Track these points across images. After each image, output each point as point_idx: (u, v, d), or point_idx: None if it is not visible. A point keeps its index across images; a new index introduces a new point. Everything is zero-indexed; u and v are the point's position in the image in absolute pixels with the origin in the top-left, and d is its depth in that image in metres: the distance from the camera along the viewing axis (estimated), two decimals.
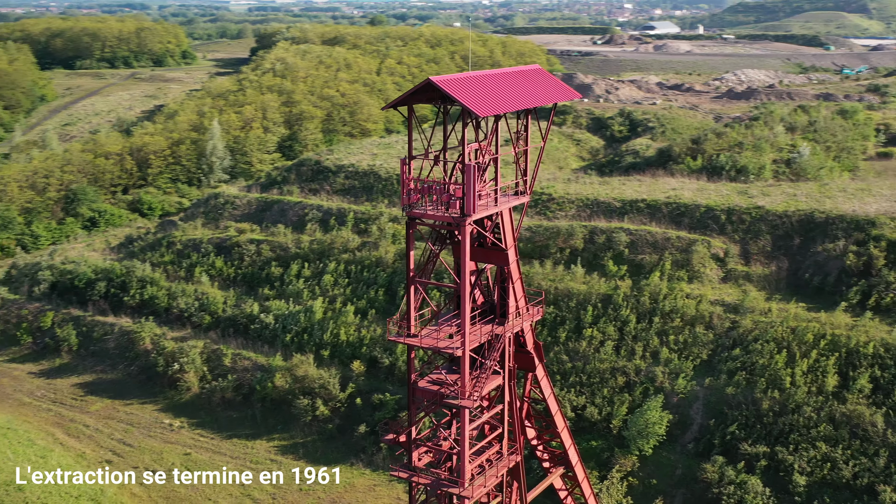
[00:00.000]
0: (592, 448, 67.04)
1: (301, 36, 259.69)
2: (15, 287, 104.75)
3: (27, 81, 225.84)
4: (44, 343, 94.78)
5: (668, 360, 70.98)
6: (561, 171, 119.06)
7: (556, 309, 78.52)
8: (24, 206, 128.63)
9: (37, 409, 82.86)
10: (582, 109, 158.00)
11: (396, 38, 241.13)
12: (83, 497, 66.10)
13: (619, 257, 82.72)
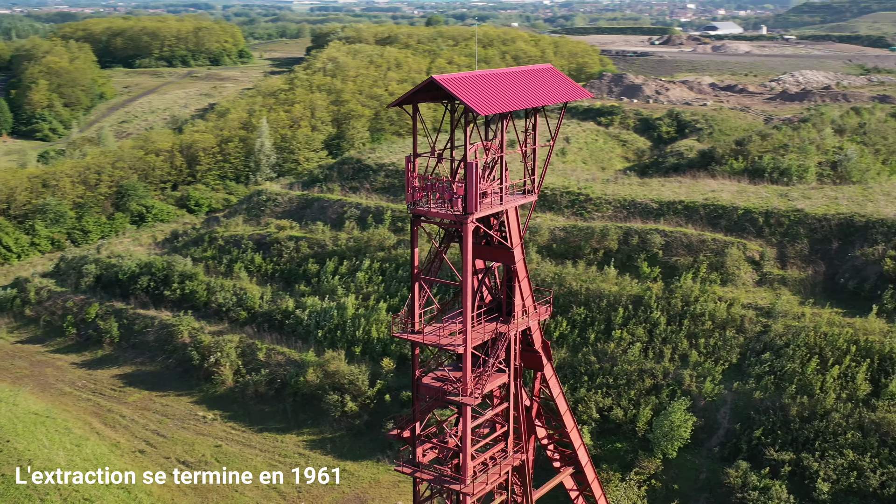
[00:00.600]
0: (616, 450, 66.59)
1: (355, 35, 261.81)
2: (62, 279, 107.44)
3: (87, 79, 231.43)
4: (87, 335, 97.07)
5: (697, 364, 70.20)
6: (603, 172, 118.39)
7: (586, 310, 78.16)
8: (75, 200, 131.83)
9: (76, 399, 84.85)
10: (630, 110, 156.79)
11: (448, 38, 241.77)
12: (114, 486, 67.46)
13: (653, 259, 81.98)
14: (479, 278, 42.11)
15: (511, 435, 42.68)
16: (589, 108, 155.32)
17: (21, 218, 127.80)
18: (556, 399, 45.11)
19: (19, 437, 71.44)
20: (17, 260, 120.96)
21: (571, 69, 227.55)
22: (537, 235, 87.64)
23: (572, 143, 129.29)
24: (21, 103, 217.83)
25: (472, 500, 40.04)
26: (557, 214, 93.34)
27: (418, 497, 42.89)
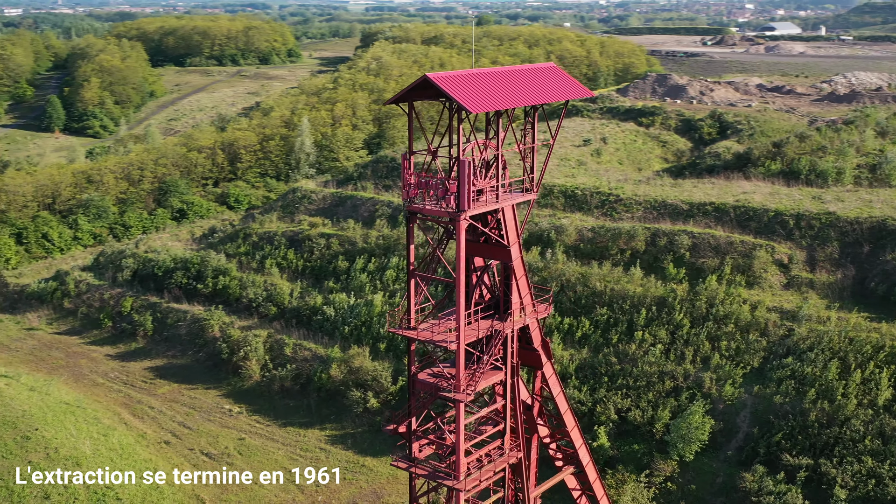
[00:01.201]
0: (634, 451, 66.20)
1: (402, 35, 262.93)
2: (101, 273, 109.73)
3: (138, 78, 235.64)
4: (122, 327, 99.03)
5: (718, 366, 69.53)
6: (639, 173, 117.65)
7: (609, 311, 77.85)
8: (118, 196, 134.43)
9: (108, 390, 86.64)
10: (672, 111, 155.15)
11: (494, 38, 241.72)
12: (137, 475, 68.79)
13: (679, 260, 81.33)
14: (477, 276, 42.24)
15: (508, 432, 42.74)
16: (630, 109, 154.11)
17: (65, 213, 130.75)
18: (556, 398, 45.08)
19: (48, 425, 73.19)
20: (59, 254, 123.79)
21: (617, 69, 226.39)
22: (564, 235, 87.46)
23: (609, 143, 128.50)
24: (73, 101, 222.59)
25: (465, 496, 40.21)
26: (587, 215, 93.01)
27: (414, 492, 43.22)
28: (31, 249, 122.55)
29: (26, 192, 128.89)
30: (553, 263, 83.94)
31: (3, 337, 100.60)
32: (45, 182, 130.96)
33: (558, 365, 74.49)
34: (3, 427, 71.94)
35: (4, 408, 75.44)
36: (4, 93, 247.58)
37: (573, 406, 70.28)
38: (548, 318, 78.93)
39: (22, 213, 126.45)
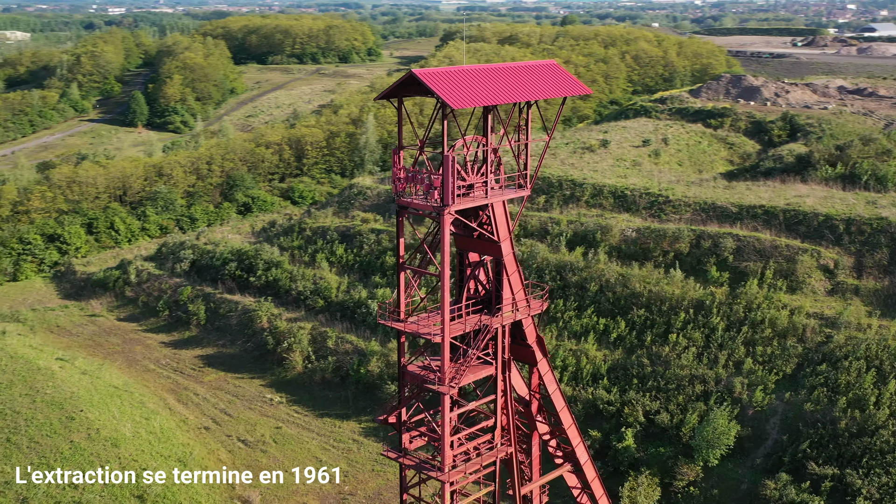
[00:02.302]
0: (659, 454, 65.47)
1: (479, 34, 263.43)
2: (162, 263, 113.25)
3: (219, 75, 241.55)
4: (177, 316, 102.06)
5: (751, 372, 68.26)
6: (697, 174, 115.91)
7: (647, 312, 77.08)
8: (186, 189, 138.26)
9: (157, 376, 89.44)
10: (742, 112, 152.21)
11: (570, 38, 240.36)
12: (172, 457, 71.08)
13: (723, 263, 80.00)
14: (470, 271, 42.62)
15: (499, 427, 42.96)
16: (700, 110, 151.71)
17: (135, 204, 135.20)
18: (552, 395, 45.07)
19: (93, 407, 76.04)
20: (127, 244, 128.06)
21: (695, 70, 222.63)
22: (609, 236, 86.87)
23: (671, 144, 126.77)
24: (157, 97, 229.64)
25: (449, 488, 40.61)
26: (634, 215, 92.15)
27: (405, 483, 43.79)
28: (100, 239, 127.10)
29: (99, 183, 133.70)
30: (594, 264, 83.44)
31: (67, 322, 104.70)
32: (116, 175, 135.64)
33: (590, 365, 74.25)
34: (50, 407, 75.05)
35: (55, 389, 78.65)
36: (94, 88, 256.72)
37: (602, 407, 70.40)
38: (584, 319, 79.19)
39: (94, 204, 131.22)
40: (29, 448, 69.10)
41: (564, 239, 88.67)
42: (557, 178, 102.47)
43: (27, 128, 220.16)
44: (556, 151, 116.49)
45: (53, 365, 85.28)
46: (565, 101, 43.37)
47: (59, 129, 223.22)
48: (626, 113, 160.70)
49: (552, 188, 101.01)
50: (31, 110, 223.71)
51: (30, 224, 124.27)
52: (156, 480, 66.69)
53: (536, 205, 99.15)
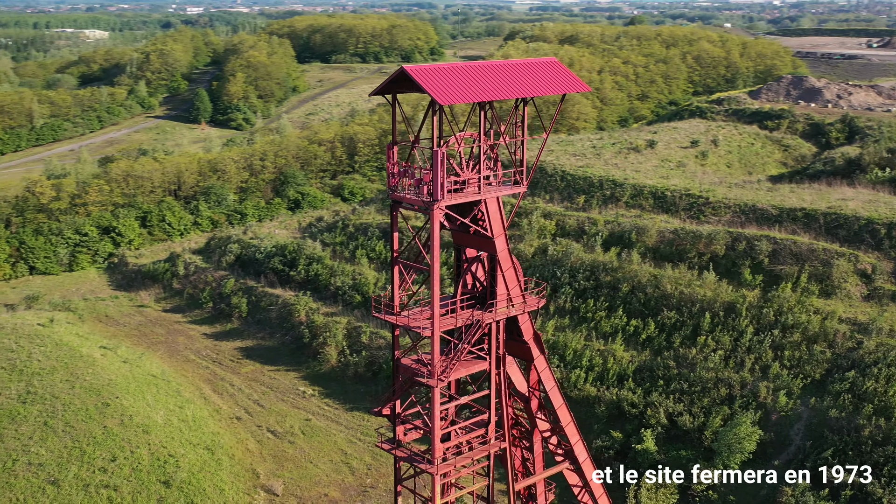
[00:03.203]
0: (680, 457, 64.88)
1: (540, 34, 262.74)
2: (209, 257, 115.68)
3: (282, 73, 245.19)
4: (220, 308, 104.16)
5: (777, 376, 67.21)
6: (749, 176, 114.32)
7: (677, 314, 76.37)
8: (239, 185, 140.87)
9: (196, 366, 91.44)
10: (800, 114, 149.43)
11: (632, 38, 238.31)
12: (200, 445, 72.74)
13: (758, 266, 78.87)
14: (466, 266, 42.92)
15: (492, 422, 43.16)
16: (757, 112, 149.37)
17: (189, 198, 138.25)
18: (549, 392, 45.02)
19: (129, 395, 78.17)
20: (179, 237, 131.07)
21: (758, 71, 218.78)
22: (645, 237, 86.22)
23: (721, 146, 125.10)
24: (220, 94, 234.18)
25: (439, 480, 40.95)
26: (673, 216, 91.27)
27: (399, 475, 44.26)
28: (153, 232, 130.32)
29: (154, 178, 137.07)
30: (627, 264, 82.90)
31: (115, 312, 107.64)
32: (171, 170, 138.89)
33: (616, 366, 73.83)
34: (88, 393, 77.39)
35: (94, 376, 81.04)
36: (162, 86, 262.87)
37: (625, 408, 69.97)
38: (614, 319, 78.76)
39: (149, 198, 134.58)
40: (64, 432, 71.40)
41: (600, 239, 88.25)
42: (599, 178, 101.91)
43: (95, 123, 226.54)
44: (601, 152, 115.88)
45: (96, 353, 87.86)
46: (564, 97, 43.28)
47: (126, 125, 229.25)
48: (681, 114, 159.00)
49: (592, 188, 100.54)
50: (100, 107, 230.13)
51: (87, 216, 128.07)
52: (182, 466, 68.45)
53: (576, 205, 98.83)
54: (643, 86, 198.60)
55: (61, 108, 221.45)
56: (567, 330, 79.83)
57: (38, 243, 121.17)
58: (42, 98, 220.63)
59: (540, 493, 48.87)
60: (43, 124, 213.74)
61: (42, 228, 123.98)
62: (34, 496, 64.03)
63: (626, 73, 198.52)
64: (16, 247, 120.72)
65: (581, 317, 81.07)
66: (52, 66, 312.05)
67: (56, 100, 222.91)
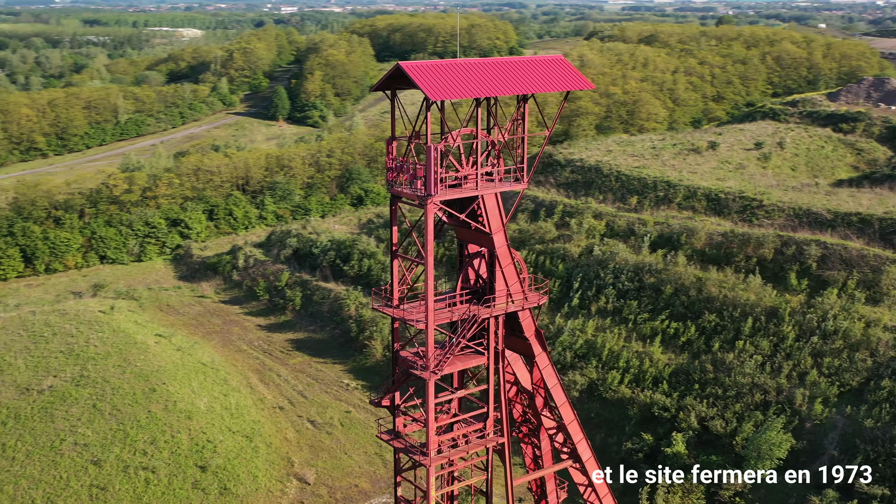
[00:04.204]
0: (709, 462, 63.92)
1: (619, 34, 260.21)
2: (268, 250, 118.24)
3: (359, 72, 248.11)
4: (276, 301, 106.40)
5: (814, 383, 65.73)
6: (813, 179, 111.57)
7: (718, 317, 75.24)
8: (305, 181, 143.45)
9: (247, 356, 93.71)
10: (878, 117, 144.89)
11: (712, 38, 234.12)
12: (239, 432, 74.67)
13: (805, 271, 77.17)
14: (467, 261, 43.39)
15: (490, 417, 43.51)
16: (832, 114, 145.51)
17: (255, 193, 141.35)
18: (551, 390, 45.08)
19: (176, 381, 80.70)
20: (244, 230, 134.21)
21: (842, 72, 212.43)
22: (694, 239, 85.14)
23: (787, 148, 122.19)
24: (298, 92, 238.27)
25: (433, 472, 41.49)
26: (724, 218, 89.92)
27: (399, 465, 44.93)
28: (219, 225, 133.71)
29: (223, 172, 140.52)
30: (672, 266, 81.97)
31: (176, 301, 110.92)
32: (240, 164, 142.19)
33: (653, 369, 73.16)
34: (137, 379, 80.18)
35: (145, 362, 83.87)
36: (244, 83, 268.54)
37: (657, 411, 69.33)
38: (655, 321, 78.03)
39: (217, 192, 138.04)
40: (110, 415, 74.16)
41: (648, 240, 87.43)
42: (653, 179, 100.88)
43: (177, 119, 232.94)
44: (660, 153, 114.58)
45: (150, 340, 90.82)
46: (567, 95, 43.36)
47: (207, 122, 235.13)
48: (754, 115, 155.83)
49: (646, 189, 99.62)
50: (182, 103, 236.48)
51: (156, 209, 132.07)
52: (219, 452, 70.41)
53: (628, 205, 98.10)
54: (719, 87, 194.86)
55: (145, 104, 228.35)
56: (607, 331, 79.37)
57: (109, 234, 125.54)
58: (127, 94, 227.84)
59: (550, 491, 48.96)
60: (127, 120, 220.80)
61: (113, 220, 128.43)
62: (77, 475, 66.75)
63: (702, 73, 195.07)
64: (88, 237, 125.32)
65: (622, 318, 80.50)
66: (143, 63, 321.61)
67: (141, 96, 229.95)
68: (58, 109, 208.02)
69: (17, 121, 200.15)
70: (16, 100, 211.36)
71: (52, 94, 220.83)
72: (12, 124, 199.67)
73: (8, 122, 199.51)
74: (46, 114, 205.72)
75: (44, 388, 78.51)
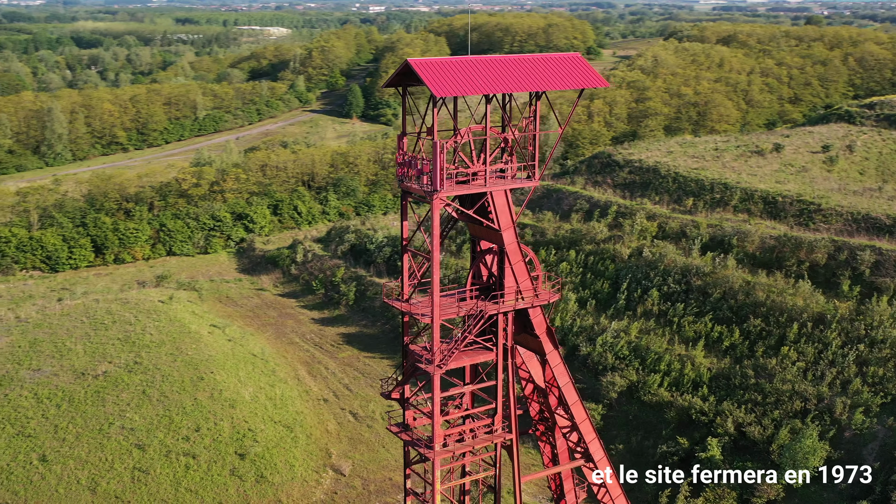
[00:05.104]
0: (743, 468, 62.83)
1: (698, 34, 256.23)
2: (327, 245, 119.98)
3: None
4: (330, 295, 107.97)
5: (857, 392, 64.00)
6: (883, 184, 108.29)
7: (763, 322, 73.76)
8: (369, 178, 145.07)
9: (298, 349, 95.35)
10: None
11: (792, 39, 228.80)
12: (281, 423, 76.13)
13: (858, 277, 75.17)
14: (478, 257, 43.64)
15: (499, 413, 43.68)
16: None
17: (319, 189, 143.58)
18: (563, 388, 44.97)
19: (223, 371, 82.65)
20: (307, 225, 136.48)
21: None
22: (746, 242, 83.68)
23: (857, 152, 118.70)
24: (372, 90, 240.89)
25: (438, 466, 41.82)
26: (780, 222, 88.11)
27: (408, 458, 45.40)
28: (283, 220, 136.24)
29: (289, 168, 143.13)
30: (721, 269, 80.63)
31: (236, 293, 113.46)
32: (305, 161, 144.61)
33: (693, 372, 72.15)
34: (186, 367, 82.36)
35: (196, 351, 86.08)
36: (322, 81, 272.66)
37: (694, 415, 68.39)
38: (699, 325, 76.94)
39: (282, 188, 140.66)
40: (158, 401, 76.38)
41: (699, 243, 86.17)
42: (710, 181, 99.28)
43: (254, 116, 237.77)
44: (722, 154, 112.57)
45: (203, 330, 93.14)
46: (582, 92, 43.23)
47: (283, 119, 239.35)
48: (829, 117, 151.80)
49: (703, 191, 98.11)
50: (260, 100, 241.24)
51: (223, 203, 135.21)
52: (259, 441, 71.90)
53: (683, 207, 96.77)
54: (797, 88, 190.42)
55: (223, 101, 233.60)
56: (651, 333, 78.53)
57: (177, 227, 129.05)
58: (206, 91, 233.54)
59: (569, 490, 48.88)
60: (205, 116, 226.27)
61: (181, 213, 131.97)
62: (120, 458, 68.97)
63: (779, 74, 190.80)
64: (157, 229, 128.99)
65: (667, 320, 79.52)
66: (226, 61, 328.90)
67: (219, 93, 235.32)
68: (139, 105, 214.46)
69: (99, 116, 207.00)
70: (99, 95, 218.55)
71: (134, 91, 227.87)
72: (95, 119, 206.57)
73: (91, 118, 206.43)
74: (128, 109, 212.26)
75: (98, 373, 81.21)
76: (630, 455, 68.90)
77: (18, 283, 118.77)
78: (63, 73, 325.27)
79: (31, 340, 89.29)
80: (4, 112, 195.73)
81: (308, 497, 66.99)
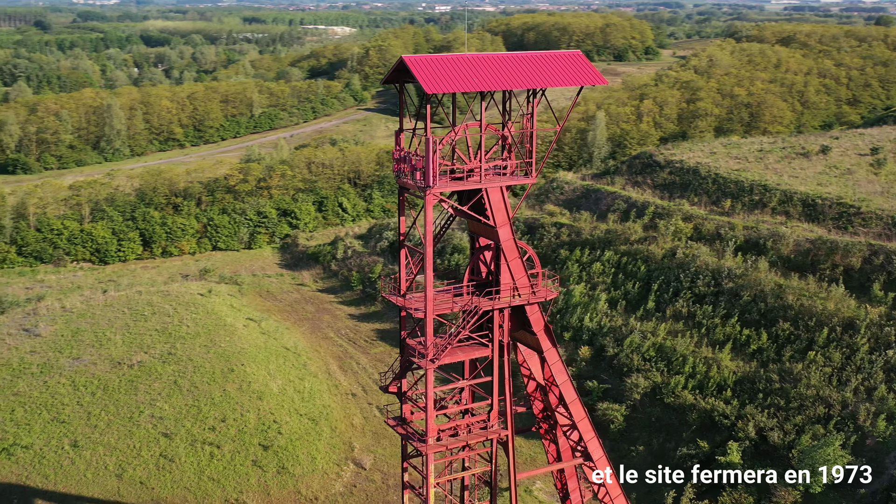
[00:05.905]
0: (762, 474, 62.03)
1: (758, 34, 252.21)
2: (367, 241, 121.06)
3: None
4: (368, 292, 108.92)
5: (882, 399, 62.68)
6: None
7: (792, 326, 72.59)
8: None
9: (331, 343, 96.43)
10: None
11: (852, 39, 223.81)
12: (307, 416, 77.18)
13: (893, 282, 73.58)
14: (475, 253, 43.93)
15: (495, 408, 43.88)
16: None
17: (364, 186, 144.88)
18: (561, 386, 45.00)
19: (254, 363, 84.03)
20: (351, 222, 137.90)
21: None
22: (781, 244, 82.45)
23: None
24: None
25: (432, 460, 42.18)
26: (818, 225, 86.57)
27: (406, 452, 45.82)
28: (327, 216, 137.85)
29: (335, 166, 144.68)
30: (753, 272, 79.53)
31: (276, 288, 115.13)
32: (351, 158, 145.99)
33: (718, 375, 71.31)
34: (218, 359, 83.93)
35: (229, 343, 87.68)
36: (377, 80, 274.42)
37: (717, 419, 67.66)
38: (727, 327, 76.07)
39: (327, 185, 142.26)
40: (188, 391, 78.01)
41: (733, 244, 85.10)
42: (750, 182, 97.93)
43: (309, 114, 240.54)
44: (766, 156, 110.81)
45: (239, 323, 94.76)
46: (581, 90, 43.21)
47: (337, 117, 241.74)
48: (886, 119, 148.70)
49: (742, 193, 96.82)
50: (315, 98, 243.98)
51: (269, 199, 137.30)
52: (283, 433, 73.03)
53: (721, 208, 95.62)
54: (855, 90, 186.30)
55: (279, 99, 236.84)
56: (678, 335, 77.80)
57: (223, 222, 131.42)
58: (263, 89, 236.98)
59: (573, 490, 48.90)
60: (261, 113, 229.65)
61: (228, 208, 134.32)
62: (147, 445, 70.65)
63: (837, 75, 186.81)
64: (204, 224, 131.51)
65: (696, 322, 78.72)
66: (287, 59, 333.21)
67: (275, 91, 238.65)
68: (196, 102, 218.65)
69: (157, 112, 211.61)
70: (157, 92, 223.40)
71: (193, 88, 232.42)
72: (153, 116, 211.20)
73: (150, 114, 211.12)
74: (185, 106, 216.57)
75: (134, 362, 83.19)
76: (651, 457, 68.46)
77: (69, 274, 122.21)
78: (130, 70, 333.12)
79: (74, 330, 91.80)
80: (66, 108, 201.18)
81: (327, 489, 67.87)
